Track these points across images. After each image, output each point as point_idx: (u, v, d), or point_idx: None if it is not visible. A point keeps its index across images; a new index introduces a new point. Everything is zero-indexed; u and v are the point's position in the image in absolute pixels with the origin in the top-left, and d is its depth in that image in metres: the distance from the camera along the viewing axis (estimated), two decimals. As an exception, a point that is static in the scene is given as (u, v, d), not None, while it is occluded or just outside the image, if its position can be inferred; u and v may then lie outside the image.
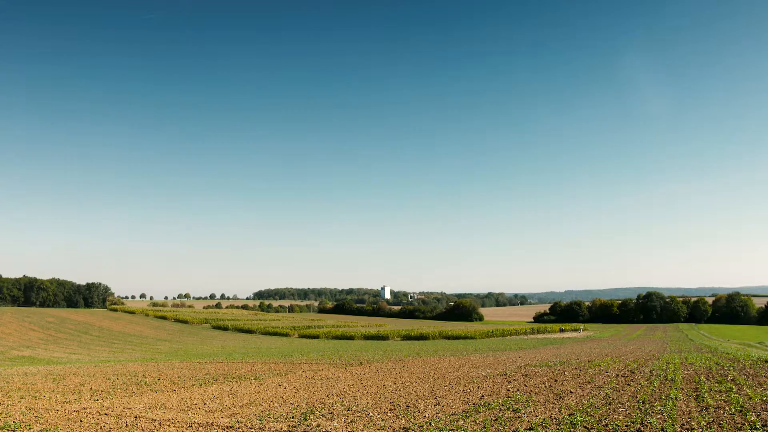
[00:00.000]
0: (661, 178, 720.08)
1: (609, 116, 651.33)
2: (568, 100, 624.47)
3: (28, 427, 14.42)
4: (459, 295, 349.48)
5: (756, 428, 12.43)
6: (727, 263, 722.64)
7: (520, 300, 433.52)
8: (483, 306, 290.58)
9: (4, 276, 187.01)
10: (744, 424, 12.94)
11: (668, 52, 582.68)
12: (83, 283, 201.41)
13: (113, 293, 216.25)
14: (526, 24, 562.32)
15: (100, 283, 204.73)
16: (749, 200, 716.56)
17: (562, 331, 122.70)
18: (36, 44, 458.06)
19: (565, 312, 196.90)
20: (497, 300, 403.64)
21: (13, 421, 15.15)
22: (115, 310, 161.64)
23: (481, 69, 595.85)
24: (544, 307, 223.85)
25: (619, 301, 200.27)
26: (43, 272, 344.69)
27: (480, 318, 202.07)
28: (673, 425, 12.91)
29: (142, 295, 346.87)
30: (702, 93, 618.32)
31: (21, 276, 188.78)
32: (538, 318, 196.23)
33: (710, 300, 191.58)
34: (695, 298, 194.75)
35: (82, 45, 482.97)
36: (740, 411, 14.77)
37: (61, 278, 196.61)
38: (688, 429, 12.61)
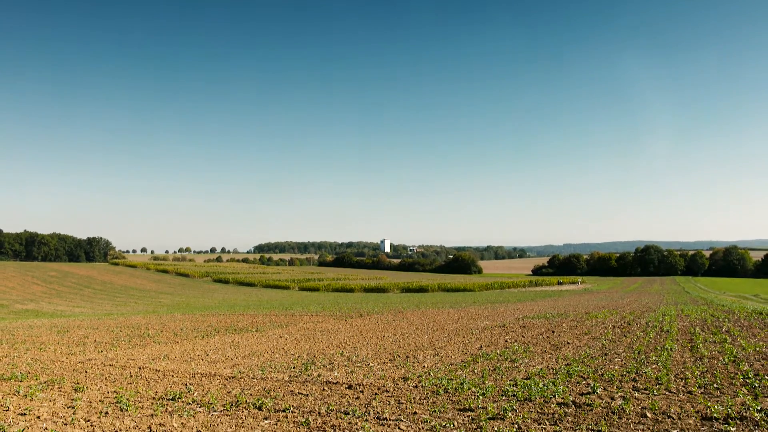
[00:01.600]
0: (660, 132, 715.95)
1: (608, 72, 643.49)
2: (567, 55, 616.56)
3: (35, 378, 14.66)
4: (458, 248, 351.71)
5: (748, 378, 12.65)
6: (725, 217, 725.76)
7: (519, 253, 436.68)
8: (482, 259, 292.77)
9: (5, 231, 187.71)
10: (737, 374, 13.16)
11: (666, 17, 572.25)
12: (84, 237, 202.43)
13: (114, 247, 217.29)
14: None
15: (101, 238, 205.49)
16: (748, 154, 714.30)
17: (560, 283, 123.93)
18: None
19: (564, 265, 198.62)
20: (496, 253, 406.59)
21: (20, 372, 15.40)
22: (117, 264, 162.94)
23: (482, 25, 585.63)
24: (543, 260, 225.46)
25: (617, 255, 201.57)
26: (43, 227, 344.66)
27: (479, 271, 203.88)
28: (667, 375, 13.12)
29: (143, 249, 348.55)
30: (702, 48, 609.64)
31: (22, 231, 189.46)
32: (537, 271, 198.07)
33: (707, 253, 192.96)
34: (693, 252, 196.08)
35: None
36: (734, 361, 15.00)
37: (61, 233, 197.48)
38: (682, 378, 12.83)
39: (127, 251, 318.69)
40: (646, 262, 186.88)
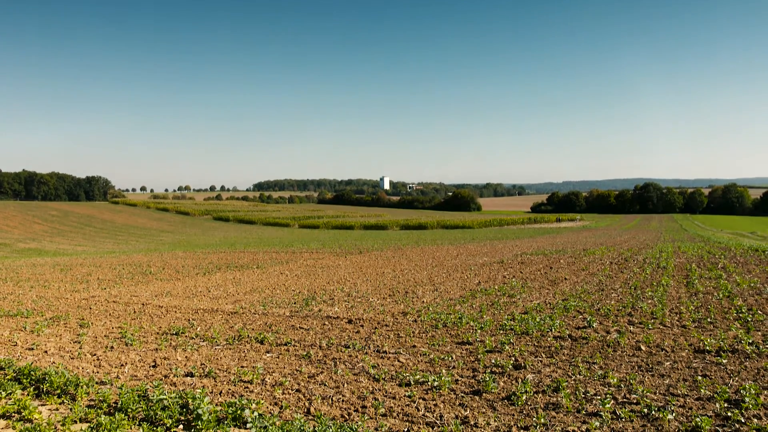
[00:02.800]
0: (661, 68, 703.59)
1: (608, 12, 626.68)
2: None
3: (40, 314, 14.91)
4: (457, 186, 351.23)
5: (742, 312, 12.86)
6: (725, 155, 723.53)
7: (518, 191, 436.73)
8: (481, 196, 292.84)
9: (4, 171, 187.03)
10: (730, 309, 13.38)
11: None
12: (83, 176, 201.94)
13: (113, 186, 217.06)
14: None
15: (101, 177, 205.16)
16: (748, 93, 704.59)
17: (558, 221, 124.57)
18: None
19: (563, 202, 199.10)
20: (495, 190, 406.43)
21: (26, 309, 15.65)
22: (117, 203, 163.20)
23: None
24: (542, 198, 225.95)
25: (616, 192, 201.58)
26: (42, 166, 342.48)
27: (478, 208, 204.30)
28: (662, 309, 13.34)
29: (143, 188, 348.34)
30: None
31: (20, 170, 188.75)
32: (536, 208, 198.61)
33: (706, 191, 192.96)
34: (692, 190, 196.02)
35: None
36: (728, 296, 15.22)
37: (60, 172, 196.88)
38: (676, 313, 13.05)
39: (127, 190, 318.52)
40: (644, 199, 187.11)
